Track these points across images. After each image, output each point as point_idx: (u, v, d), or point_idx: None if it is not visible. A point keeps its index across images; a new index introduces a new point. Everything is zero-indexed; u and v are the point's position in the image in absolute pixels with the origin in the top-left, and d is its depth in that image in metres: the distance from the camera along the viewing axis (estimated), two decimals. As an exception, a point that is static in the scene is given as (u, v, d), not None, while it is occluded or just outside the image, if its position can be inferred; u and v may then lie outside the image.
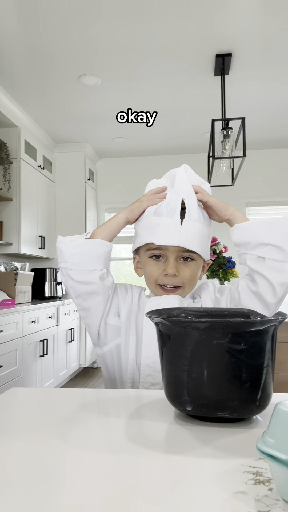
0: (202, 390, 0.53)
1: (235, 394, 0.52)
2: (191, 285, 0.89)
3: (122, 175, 4.67)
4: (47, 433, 0.54)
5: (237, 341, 0.51)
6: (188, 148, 4.37)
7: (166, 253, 0.86)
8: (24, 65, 2.75)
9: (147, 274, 0.90)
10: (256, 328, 0.51)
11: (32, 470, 0.43)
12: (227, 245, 3.19)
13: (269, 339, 0.54)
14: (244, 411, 0.54)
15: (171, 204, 0.85)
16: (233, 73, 2.87)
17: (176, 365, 0.55)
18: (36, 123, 3.71)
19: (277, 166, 4.43)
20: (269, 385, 0.55)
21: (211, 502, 0.36)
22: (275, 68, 2.82)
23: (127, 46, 2.55)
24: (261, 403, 0.54)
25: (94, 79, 2.94)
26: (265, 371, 0.53)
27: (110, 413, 0.62)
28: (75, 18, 2.28)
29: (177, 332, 0.54)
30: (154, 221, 0.86)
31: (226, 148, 2.59)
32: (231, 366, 0.52)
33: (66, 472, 0.43)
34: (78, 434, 0.53)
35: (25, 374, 2.82)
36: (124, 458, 0.45)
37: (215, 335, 0.51)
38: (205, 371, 0.53)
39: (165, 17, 2.28)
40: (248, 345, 0.52)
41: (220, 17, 2.29)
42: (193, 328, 0.52)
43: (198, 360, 0.53)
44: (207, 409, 0.54)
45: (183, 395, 0.55)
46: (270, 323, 0.52)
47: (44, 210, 3.96)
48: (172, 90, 3.12)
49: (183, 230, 0.83)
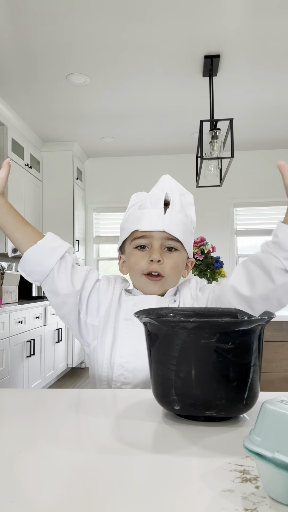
0: (190, 389, 0.54)
1: (223, 393, 0.53)
2: (173, 277, 0.89)
3: (110, 174, 4.66)
4: (34, 434, 0.53)
5: (224, 341, 0.52)
6: (176, 148, 4.39)
7: (150, 241, 0.88)
8: (12, 63, 2.72)
9: (132, 264, 0.90)
10: (244, 327, 0.51)
11: (18, 472, 0.42)
12: (215, 245, 3.21)
13: (256, 338, 0.54)
14: (232, 409, 0.54)
15: (155, 197, 0.88)
16: (221, 74, 2.89)
17: (164, 365, 0.55)
18: (24, 122, 3.67)
19: (264, 167, 4.48)
20: (256, 384, 0.55)
21: (199, 501, 0.36)
22: (263, 69, 2.85)
23: (115, 45, 2.54)
24: (248, 402, 0.55)
25: (82, 78, 2.93)
26: (252, 370, 0.54)
27: (98, 413, 0.61)
28: (64, 16, 2.26)
29: (165, 331, 0.55)
30: (138, 213, 0.89)
31: (214, 149, 2.60)
32: (218, 366, 0.52)
33: (54, 472, 0.42)
34: (66, 435, 0.53)
35: (11, 375, 2.79)
36: (112, 458, 0.45)
37: (203, 334, 0.52)
38: (193, 371, 0.53)
39: (155, 17, 2.28)
40: (236, 345, 0.52)
41: (209, 19, 2.30)
42: (181, 328, 0.52)
43: (186, 360, 0.53)
44: (195, 408, 0.54)
45: (171, 395, 0.55)
46: (257, 322, 0.52)
47: (32, 209, 3.93)
48: (161, 90, 3.13)
49: (166, 218, 0.87)
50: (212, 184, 3.19)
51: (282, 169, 0.78)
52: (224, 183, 3.31)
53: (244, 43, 2.53)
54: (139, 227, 0.87)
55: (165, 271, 0.87)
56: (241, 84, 3.04)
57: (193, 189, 3.67)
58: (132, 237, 0.90)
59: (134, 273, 0.90)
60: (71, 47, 2.56)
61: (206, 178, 2.92)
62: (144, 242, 0.88)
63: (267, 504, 0.35)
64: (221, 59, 2.70)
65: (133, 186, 4.52)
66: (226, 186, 4.08)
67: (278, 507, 0.35)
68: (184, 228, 0.88)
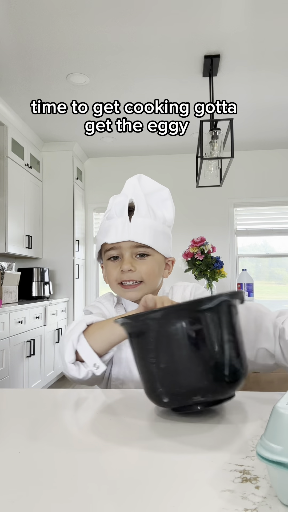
0: (173, 377, 0.55)
1: (203, 375, 0.54)
2: (151, 281, 0.89)
3: (110, 174, 4.65)
4: (34, 434, 0.53)
5: (192, 323, 0.53)
6: (176, 148, 4.39)
7: (121, 251, 0.88)
8: (12, 63, 2.72)
9: (108, 275, 0.91)
10: (207, 305, 0.53)
11: (18, 472, 0.42)
12: (215, 245, 3.21)
13: (225, 314, 0.55)
14: (217, 390, 0.55)
15: (120, 205, 0.88)
16: (221, 74, 2.89)
17: (145, 360, 0.57)
18: (24, 122, 3.67)
19: (264, 167, 4.47)
20: (237, 360, 0.56)
21: (199, 501, 0.36)
22: (263, 70, 2.85)
23: (115, 45, 2.54)
24: (232, 379, 0.55)
25: (82, 77, 2.93)
26: (227, 346, 0.55)
27: (97, 413, 0.61)
28: (64, 16, 2.26)
29: (139, 327, 0.56)
30: (106, 224, 0.89)
31: (214, 148, 2.60)
32: (192, 348, 0.54)
33: (54, 472, 0.42)
34: (66, 434, 0.53)
35: (11, 375, 2.79)
36: (112, 457, 0.45)
37: (171, 321, 0.53)
38: (171, 359, 0.54)
39: (155, 17, 2.28)
40: (204, 324, 0.53)
41: (209, 19, 2.30)
42: (151, 320, 0.54)
43: (163, 349, 0.54)
44: (182, 396, 0.55)
45: (158, 388, 0.56)
46: (219, 297, 0.54)
47: (32, 209, 3.93)
48: (161, 90, 3.13)
49: (132, 226, 0.86)
50: (212, 184, 3.19)
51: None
52: (224, 183, 3.31)
53: (244, 43, 2.53)
54: (107, 240, 0.87)
55: (141, 277, 0.87)
56: (241, 84, 3.04)
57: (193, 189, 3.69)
58: (103, 249, 0.91)
59: (110, 283, 0.92)
60: (71, 47, 2.56)
61: (206, 178, 2.92)
62: (115, 253, 0.89)
63: (267, 504, 0.35)
64: (221, 59, 2.70)
65: (133, 186, 4.51)
66: (226, 186, 4.07)
67: (278, 507, 0.35)
68: (153, 232, 0.87)
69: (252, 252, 4.65)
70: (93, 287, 4.65)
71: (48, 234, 4.23)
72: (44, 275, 3.90)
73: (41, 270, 3.88)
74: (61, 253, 4.20)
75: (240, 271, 4.19)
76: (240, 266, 4.52)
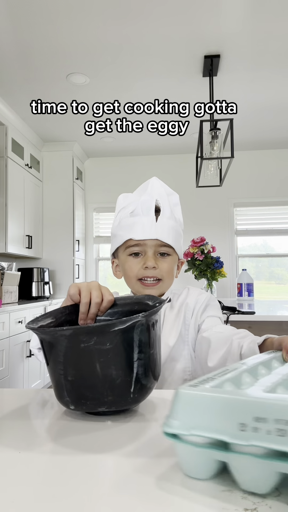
0: (79, 390, 0.56)
1: (109, 391, 0.55)
2: (169, 279, 0.94)
3: (110, 174, 4.66)
4: (34, 434, 0.53)
5: (102, 342, 0.54)
6: (176, 148, 4.39)
7: (144, 248, 0.91)
8: (12, 63, 2.72)
9: (127, 270, 0.93)
10: (119, 327, 0.54)
11: (18, 472, 0.43)
12: (215, 245, 3.21)
13: (137, 334, 0.56)
14: (120, 403, 0.57)
15: (146, 204, 0.90)
16: (221, 74, 2.89)
17: (54, 370, 0.58)
18: (24, 122, 3.67)
19: (264, 167, 4.48)
20: (144, 377, 0.57)
21: (199, 501, 0.36)
22: (263, 70, 2.85)
23: (115, 45, 2.54)
24: (136, 395, 0.57)
25: (82, 77, 2.93)
26: (136, 364, 0.56)
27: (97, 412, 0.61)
28: (64, 16, 2.26)
29: (49, 339, 0.57)
30: (131, 221, 0.91)
31: (214, 148, 2.60)
32: (101, 366, 0.55)
33: (54, 472, 0.42)
34: (66, 434, 0.53)
35: (11, 375, 2.79)
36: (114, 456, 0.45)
37: (81, 339, 0.54)
38: (79, 373, 0.56)
39: (154, 17, 2.28)
40: (114, 344, 0.54)
41: (209, 18, 2.30)
42: (60, 336, 0.55)
43: (71, 364, 0.56)
44: (87, 406, 0.57)
45: (65, 396, 0.58)
46: (131, 320, 0.54)
47: (32, 209, 3.93)
48: (161, 90, 3.13)
49: (158, 225, 0.90)
50: (212, 184, 3.19)
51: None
52: (224, 183, 3.31)
53: (244, 43, 2.53)
54: (133, 236, 0.90)
55: (162, 275, 0.91)
56: (241, 84, 3.04)
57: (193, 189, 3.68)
58: (125, 245, 0.93)
59: (129, 279, 0.93)
60: (71, 47, 2.56)
61: (206, 178, 2.92)
62: (138, 250, 0.91)
63: (267, 504, 0.35)
64: (221, 59, 2.70)
65: (133, 186, 4.48)
66: (226, 186, 4.07)
67: (278, 507, 0.35)
68: (175, 233, 0.92)
69: (252, 252, 4.65)
70: (93, 287, 4.65)
71: (48, 234, 4.23)
72: (44, 275, 3.90)
73: (41, 270, 3.88)
74: (61, 253, 4.20)
75: (240, 271, 4.19)
76: (240, 266, 4.52)
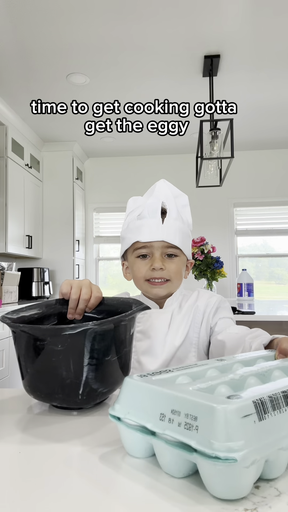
0: (36, 383, 0.61)
1: (59, 389, 0.59)
2: (177, 280, 0.94)
3: (110, 174, 4.66)
4: (34, 434, 0.53)
5: (55, 343, 0.58)
6: (176, 148, 4.39)
7: (151, 250, 0.92)
8: (12, 63, 2.72)
9: (135, 272, 0.94)
10: (69, 332, 0.57)
11: (18, 472, 0.43)
12: (215, 245, 3.21)
13: (89, 341, 0.58)
14: (70, 403, 0.61)
15: (152, 207, 0.92)
16: (221, 74, 2.89)
17: (18, 360, 0.64)
18: (24, 122, 3.67)
19: (264, 167, 4.48)
20: (94, 382, 0.60)
21: (199, 501, 0.36)
22: (263, 69, 2.85)
23: (115, 45, 2.55)
24: (85, 397, 0.60)
25: (82, 78, 2.93)
26: (86, 369, 0.59)
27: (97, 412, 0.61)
28: (64, 16, 2.26)
29: (15, 333, 0.62)
30: (138, 223, 0.93)
31: (214, 149, 2.60)
32: (53, 365, 0.59)
33: (54, 472, 0.42)
34: (66, 433, 0.53)
35: (11, 375, 2.79)
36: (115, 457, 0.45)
37: (37, 337, 0.58)
38: (35, 368, 0.60)
39: (154, 17, 2.28)
40: (65, 347, 0.58)
41: (208, 18, 2.30)
42: (21, 331, 0.60)
43: (29, 358, 0.61)
44: (42, 398, 0.62)
45: (26, 385, 0.63)
46: (81, 327, 0.57)
47: (32, 209, 3.93)
48: (161, 90, 3.13)
49: (165, 227, 0.91)
50: (212, 184, 3.19)
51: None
52: (224, 183, 3.31)
53: (244, 43, 2.53)
54: (139, 238, 0.91)
55: (170, 276, 0.92)
56: (241, 84, 3.04)
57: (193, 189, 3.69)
58: (133, 247, 0.94)
59: (138, 280, 0.95)
60: (71, 47, 2.56)
61: (206, 178, 2.92)
62: (145, 252, 0.93)
63: (267, 504, 0.35)
64: (221, 59, 2.70)
65: (133, 186, 4.52)
66: (226, 186, 4.08)
67: (278, 507, 0.35)
68: (182, 234, 0.93)
69: (252, 252, 4.65)
70: (93, 287, 4.65)
71: (48, 234, 4.23)
72: (44, 275, 3.90)
73: (41, 270, 3.88)
74: (61, 253, 4.20)
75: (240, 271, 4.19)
76: (240, 266, 4.53)
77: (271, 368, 0.51)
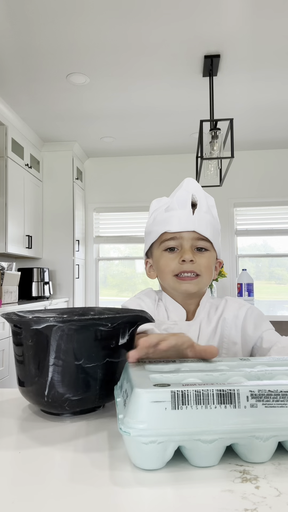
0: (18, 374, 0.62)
1: (30, 385, 0.58)
2: (207, 276, 0.87)
3: (110, 174, 4.66)
4: (34, 434, 0.53)
5: (27, 338, 0.57)
6: (176, 148, 4.39)
7: (180, 242, 0.86)
8: (12, 63, 2.72)
9: (162, 267, 0.88)
10: (34, 327, 0.56)
11: (18, 471, 0.42)
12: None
13: (55, 339, 0.55)
14: (37, 402, 0.59)
15: (182, 198, 0.87)
16: (221, 74, 2.89)
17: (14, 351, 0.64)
18: (24, 122, 3.67)
19: (264, 167, 4.48)
20: (61, 386, 0.56)
21: (199, 501, 0.36)
22: (263, 69, 2.85)
23: (115, 45, 2.54)
24: (50, 400, 0.57)
25: (82, 78, 2.93)
26: (51, 369, 0.56)
27: (97, 412, 0.61)
28: (64, 16, 2.26)
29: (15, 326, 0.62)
30: (166, 215, 0.88)
31: (214, 148, 2.60)
32: (26, 360, 0.58)
33: (54, 472, 0.42)
34: (66, 433, 0.53)
35: (11, 375, 2.79)
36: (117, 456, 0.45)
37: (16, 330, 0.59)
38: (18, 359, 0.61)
39: (155, 17, 2.28)
40: (34, 342, 0.57)
41: (209, 18, 2.30)
42: (10, 320, 0.61)
43: (15, 349, 0.62)
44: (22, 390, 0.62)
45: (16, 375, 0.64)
46: (45, 323, 0.55)
47: (32, 209, 3.93)
48: (161, 90, 3.13)
49: (195, 218, 0.85)
50: (212, 184, 3.19)
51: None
52: (224, 183, 3.31)
53: (244, 43, 2.53)
54: (168, 229, 0.86)
55: (200, 270, 0.86)
56: (241, 84, 3.04)
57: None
58: (160, 240, 0.88)
59: (165, 275, 0.88)
60: (71, 47, 2.56)
61: (206, 178, 2.92)
62: (173, 244, 0.87)
63: (267, 504, 0.35)
64: (221, 59, 2.70)
65: (133, 186, 4.52)
66: (226, 186, 4.08)
67: (278, 507, 0.35)
68: (212, 228, 0.88)
69: (252, 252, 4.65)
70: (93, 287, 4.65)
71: (48, 234, 4.23)
72: (44, 275, 3.90)
73: (41, 270, 3.88)
74: (61, 253, 4.20)
75: (240, 271, 4.19)
76: (240, 266, 4.52)
77: (274, 372, 0.50)
